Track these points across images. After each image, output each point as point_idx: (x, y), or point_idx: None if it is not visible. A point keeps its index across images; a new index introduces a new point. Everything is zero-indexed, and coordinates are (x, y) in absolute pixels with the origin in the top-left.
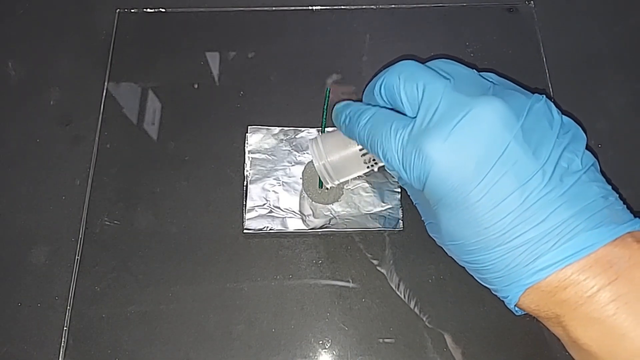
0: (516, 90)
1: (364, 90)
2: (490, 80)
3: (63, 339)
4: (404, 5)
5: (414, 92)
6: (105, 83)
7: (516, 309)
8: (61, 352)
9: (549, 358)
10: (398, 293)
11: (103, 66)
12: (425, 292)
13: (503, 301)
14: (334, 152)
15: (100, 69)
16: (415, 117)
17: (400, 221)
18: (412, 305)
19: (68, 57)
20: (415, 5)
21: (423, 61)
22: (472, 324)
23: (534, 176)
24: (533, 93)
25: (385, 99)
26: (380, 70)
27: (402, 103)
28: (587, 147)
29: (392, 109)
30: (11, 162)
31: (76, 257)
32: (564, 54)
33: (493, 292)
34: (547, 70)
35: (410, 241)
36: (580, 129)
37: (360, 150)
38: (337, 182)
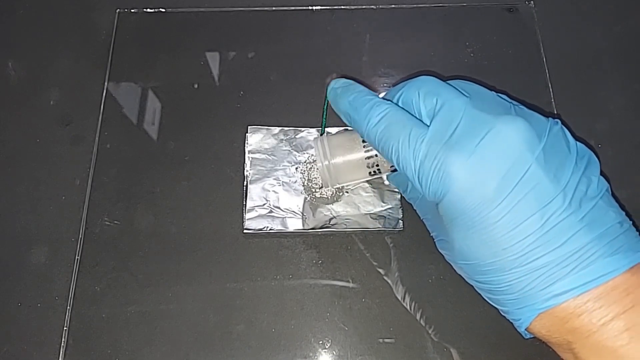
0: (533, 111)
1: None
2: (510, 101)
3: (63, 339)
4: (404, 5)
5: (434, 107)
6: (105, 83)
7: (525, 332)
8: (61, 352)
9: (549, 358)
10: (398, 296)
11: (103, 66)
12: (425, 292)
13: (512, 323)
14: (339, 155)
15: (100, 69)
16: (432, 127)
17: (400, 221)
18: (412, 310)
19: (68, 57)
20: (415, 5)
21: (443, 79)
22: (472, 324)
23: (555, 199)
24: (547, 117)
25: None
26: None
27: (419, 117)
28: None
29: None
30: (11, 162)
31: (76, 257)
32: (564, 54)
33: (502, 313)
34: (547, 70)
35: (410, 241)
36: (593, 154)
37: (366, 152)
38: (337, 186)
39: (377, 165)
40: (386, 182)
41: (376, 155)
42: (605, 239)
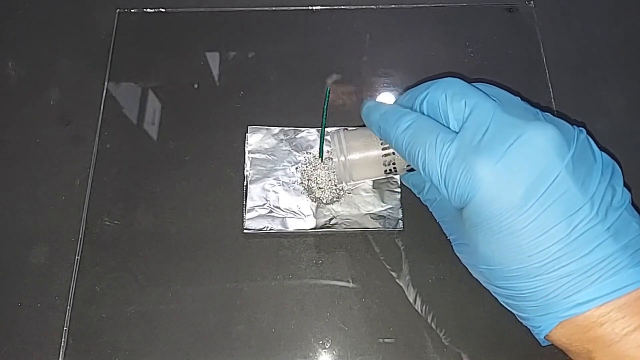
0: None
1: (397, 100)
2: (534, 106)
3: (63, 339)
4: (404, 5)
5: (462, 110)
6: (105, 83)
7: (543, 339)
8: (61, 352)
9: (549, 358)
10: (406, 292)
11: (103, 66)
12: (425, 292)
13: (530, 330)
14: (356, 151)
15: (100, 69)
16: (462, 132)
17: (400, 221)
18: (417, 305)
19: (68, 57)
20: (415, 5)
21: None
22: (472, 324)
23: (582, 208)
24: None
25: (426, 114)
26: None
27: (446, 120)
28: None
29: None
30: (11, 162)
31: (76, 257)
32: (564, 54)
33: (520, 319)
34: (547, 70)
35: (410, 241)
36: (616, 163)
37: (384, 149)
38: (351, 183)
39: (394, 164)
40: (396, 180)
41: (393, 153)
42: (630, 249)
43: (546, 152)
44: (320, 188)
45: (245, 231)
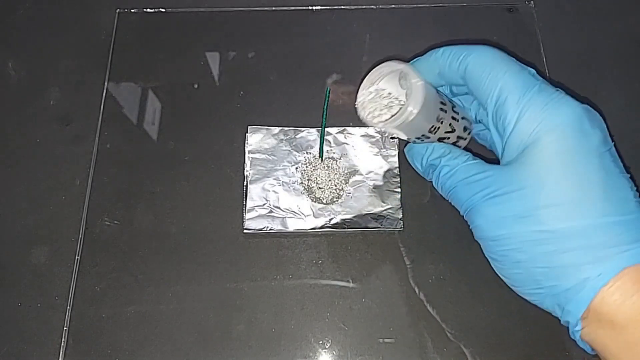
0: None
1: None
2: None
3: (63, 339)
4: (404, 5)
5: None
6: (105, 83)
7: (578, 336)
8: (61, 352)
9: (549, 358)
10: (406, 292)
11: (103, 66)
12: (425, 292)
13: (560, 319)
14: (424, 110)
15: (100, 69)
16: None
17: (400, 221)
18: (417, 305)
19: (68, 57)
20: (415, 5)
21: None
22: (472, 324)
23: (627, 179)
24: None
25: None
26: None
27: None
28: None
29: None
30: (11, 162)
31: (76, 257)
32: (564, 54)
33: (554, 300)
34: (547, 71)
35: (410, 241)
36: None
37: (441, 102)
38: (384, 128)
39: (442, 122)
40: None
41: (446, 112)
42: None
43: (603, 126)
44: (320, 188)
45: (245, 231)
